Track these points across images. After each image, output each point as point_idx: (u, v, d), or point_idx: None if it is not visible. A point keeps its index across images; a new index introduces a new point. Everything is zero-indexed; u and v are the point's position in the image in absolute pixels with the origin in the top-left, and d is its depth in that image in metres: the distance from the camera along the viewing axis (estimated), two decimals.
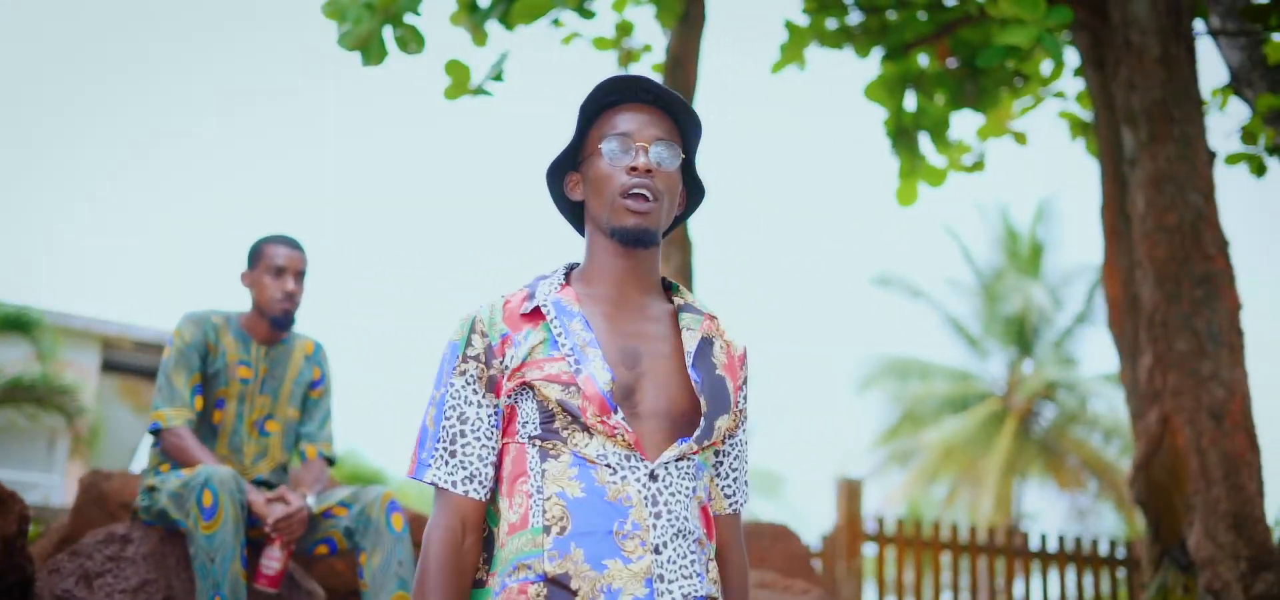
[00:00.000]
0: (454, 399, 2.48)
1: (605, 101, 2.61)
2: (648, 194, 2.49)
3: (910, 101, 8.89)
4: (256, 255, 4.88)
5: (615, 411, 2.41)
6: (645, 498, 2.37)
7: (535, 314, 2.55)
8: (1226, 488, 6.51)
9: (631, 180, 2.50)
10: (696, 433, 2.47)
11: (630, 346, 2.51)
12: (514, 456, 2.46)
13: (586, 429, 2.40)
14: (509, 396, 2.49)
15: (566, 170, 2.70)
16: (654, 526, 2.35)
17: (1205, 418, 6.61)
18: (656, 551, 2.33)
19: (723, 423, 2.53)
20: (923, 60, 8.81)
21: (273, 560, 4.49)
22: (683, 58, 8.53)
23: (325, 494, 4.76)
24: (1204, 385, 6.65)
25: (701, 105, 8.25)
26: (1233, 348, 6.74)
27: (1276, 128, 9.33)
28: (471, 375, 2.50)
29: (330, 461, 5.01)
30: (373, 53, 6.00)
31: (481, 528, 2.47)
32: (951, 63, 8.61)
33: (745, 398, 2.70)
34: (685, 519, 2.40)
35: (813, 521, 38.79)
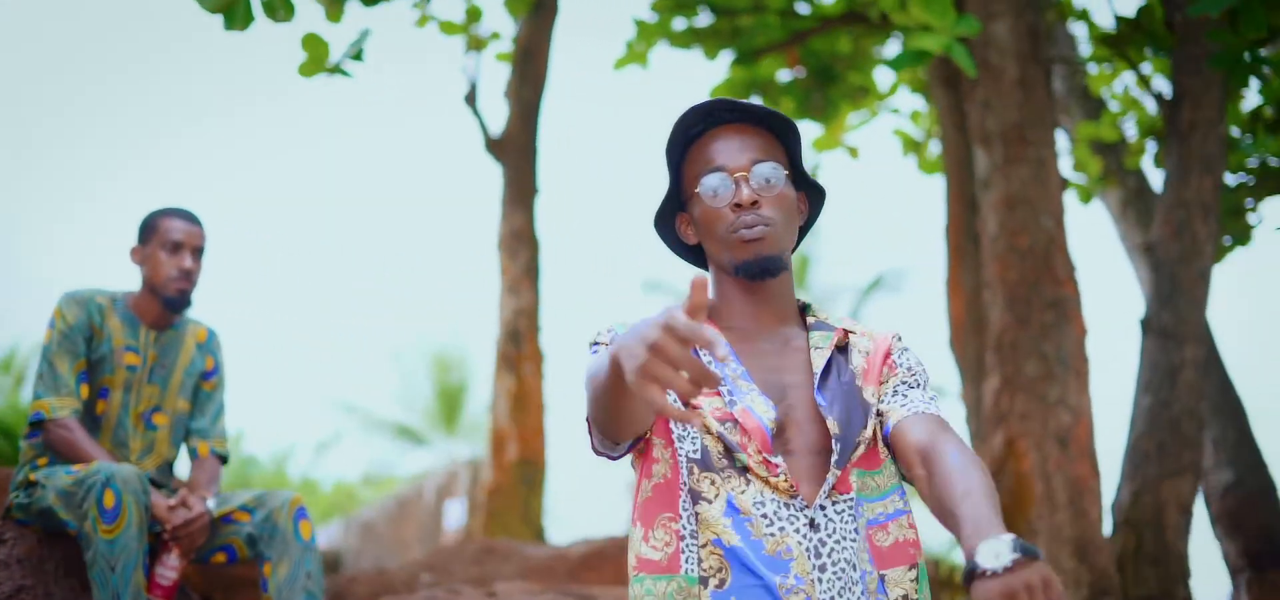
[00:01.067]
0: None
1: (690, 135, 2.49)
2: (760, 224, 2.38)
3: None
4: (149, 229, 4.31)
5: (769, 435, 2.29)
6: (807, 549, 2.24)
7: None
8: (1070, 513, 6.47)
9: (740, 217, 2.38)
10: (834, 460, 2.31)
11: (775, 380, 2.40)
12: (655, 488, 2.33)
13: (743, 472, 2.27)
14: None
15: (672, 213, 2.58)
16: (819, 581, 2.22)
17: (1051, 443, 6.56)
18: None
19: (863, 436, 2.36)
20: (784, 74, 8.68)
21: (169, 570, 3.99)
22: (532, 48, 8.20)
23: (224, 497, 4.26)
24: (1051, 410, 6.59)
25: (549, 100, 7.92)
26: (1079, 374, 6.72)
27: (1103, 157, 9.52)
28: None
29: (223, 460, 4.49)
30: (237, 17, 5.47)
31: None
32: (798, 72, 8.50)
33: (907, 371, 2.49)
34: (851, 567, 2.26)
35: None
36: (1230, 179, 8.40)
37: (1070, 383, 6.63)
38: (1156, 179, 9.10)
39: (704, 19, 8.39)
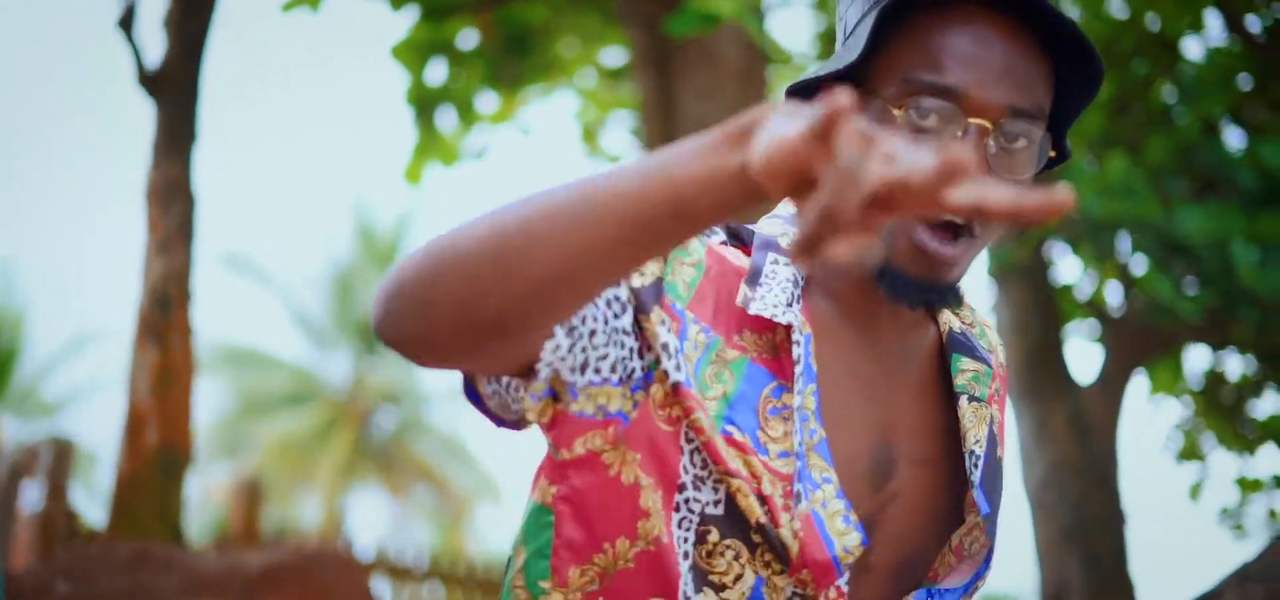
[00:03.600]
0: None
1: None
2: (963, 236, 1.36)
3: (437, 71, 7.97)
4: None
5: (841, 575, 1.38)
6: None
7: (754, 323, 1.41)
8: None
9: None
10: (963, 589, 1.48)
11: (882, 449, 1.44)
12: (639, 557, 1.37)
13: (782, 552, 1.36)
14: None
15: (818, 86, 1.41)
16: None
17: None
18: None
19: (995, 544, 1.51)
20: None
21: None
22: None
23: None
24: None
25: (215, 44, 6.89)
26: None
27: None
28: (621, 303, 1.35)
29: None
30: None
31: None
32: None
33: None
34: None
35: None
36: None
37: None
38: None
39: None
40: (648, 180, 1.08)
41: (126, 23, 7.08)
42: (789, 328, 1.40)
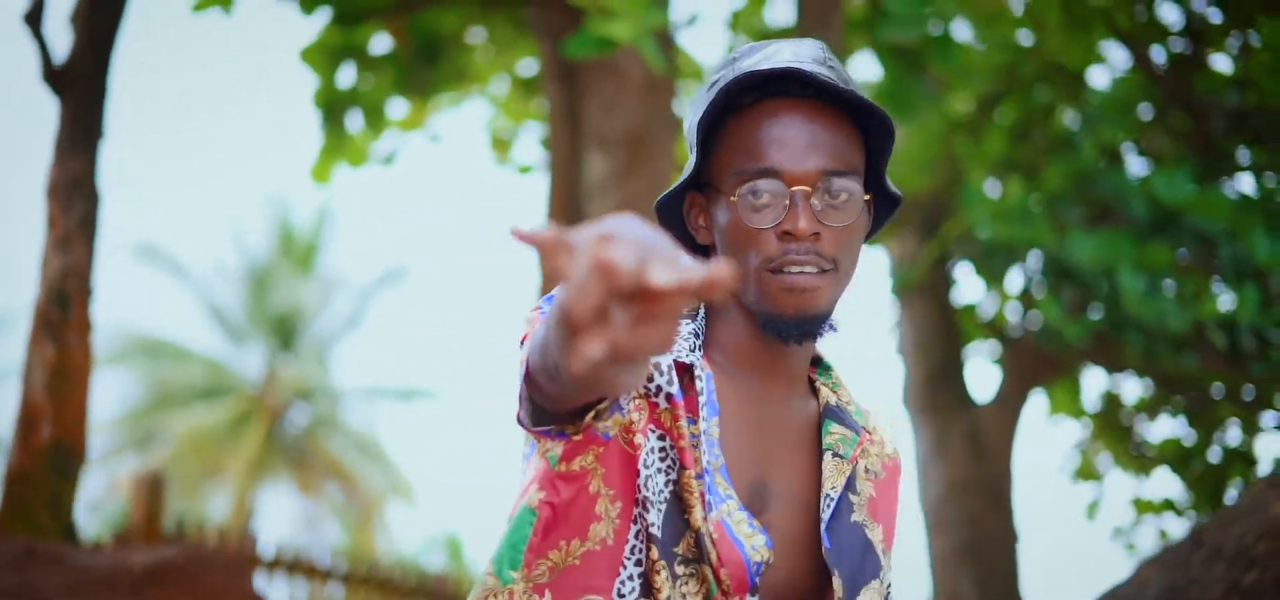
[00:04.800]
0: None
1: (736, 102, 1.70)
2: (816, 266, 1.65)
3: (347, 75, 7.96)
4: None
5: (754, 574, 1.65)
6: None
7: (682, 369, 1.72)
8: None
9: (788, 251, 1.64)
10: None
11: (759, 484, 1.73)
12: (587, 554, 1.65)
13: (701, 583, 1.65)
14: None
15: (682, 192, 1.78)
16: None
17: None
18: None
19: None
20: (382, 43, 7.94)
21: None
22: None
23: None
24: None
25: (127, 39, 6.86)
26: None
27: None
28: None
29: None
30: None
31: None
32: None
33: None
34: None
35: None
36: None
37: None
38: None
39: None
40: (552, 321, 1.29)
41: (33, 18, 7.03)
42: (692, 367, 1.68)
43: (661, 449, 1.65)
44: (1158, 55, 8.25)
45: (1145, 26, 8.00)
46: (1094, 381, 10.36)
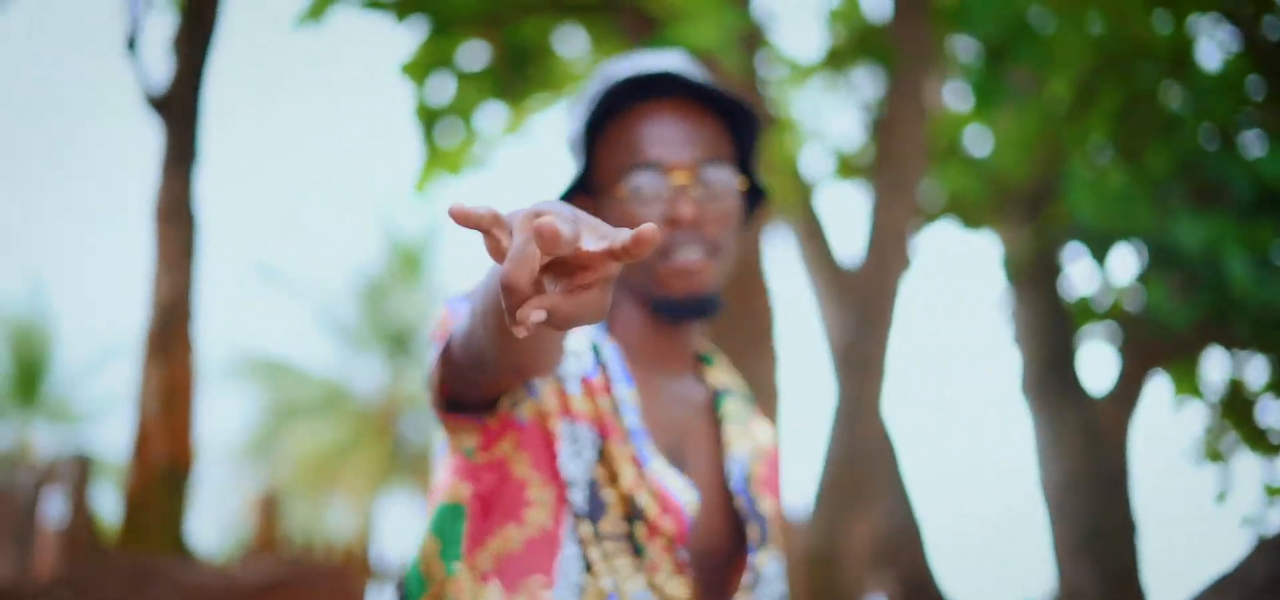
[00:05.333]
0: None
1: (612, 106, 1.86)
2: (700, 249, 1.81)
3: (444, 86, 8.02)
4: None
5: (689, 523, 1.79)
6: None
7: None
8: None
9: (675, 238, 1.79)
10: (748, 584, 1.84)
11: (675, 447, 1.86)
12: (528, 542, 1.72)
13: (636, 554, 1.75)
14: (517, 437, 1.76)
15: (570, 199, 1.91)
16: None
17: None
18: None
19: (772, 567, 1.89)
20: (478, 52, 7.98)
21: None
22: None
23: None
24: None
25: (219, 61, 7.00)
26: (773, 404, 6.47)
27: (790, 181, 9.35)
28: None
29: None
30: None
31: None
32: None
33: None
34: None
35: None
36: None
37: (764, 413, 6.33)
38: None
39: None
40: (486, 292, 1.37)
41: (133, 45, 7.20)
42: (598, 348, 1.83)
43: (573, 433, 1.75)
44: (1271, 30, 8.04)
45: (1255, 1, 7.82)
46: (1216, 364, 10.09)
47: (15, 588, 5.49)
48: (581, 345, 1.81)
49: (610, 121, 1.85)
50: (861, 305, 6.92)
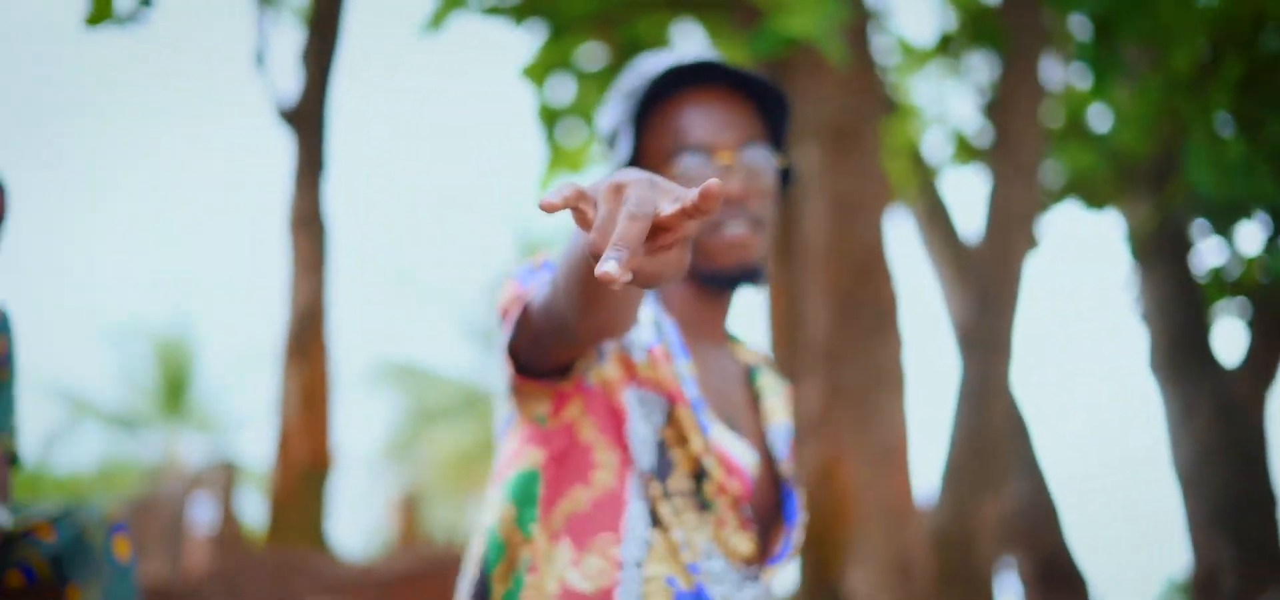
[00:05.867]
0: None
1: (657, 96, 1.99)
2: (747, 223, 1.94)
3: (564, 86, 8.17)
4: None
5: (752, 483, 1.95)
6: None
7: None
8: (889, 533, 6.22)
9: (723, 213, 1.92)
10: (784, 548, 1.96)
11: (728, 415, 1.99)
12: (595, 502, 1.85)
13: (702, 509, 1.87)
14: (587, 400, 1.88)
15: None
16: None
17: (873, 458, 6.29)
18: None
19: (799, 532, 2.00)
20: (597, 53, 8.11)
21: None
22: (325, 9, 7.44)
23: (21, 507, 3.45)
24: (872, 424, 6.31)
25: (344, 68, 7.22)
26: (897, 387, 6.48)
27: (911, 164, 9.36)
28: None
29: (14, 461, 3.67)
30: None
31: None
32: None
33: None
34: None
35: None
36: None
37: (890, 396, 6.37)
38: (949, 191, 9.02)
39: None
40: (573, 254, 1.47)
41: (261, 59, 7.44)
42: (659, 323, 1.94)
43: (641, 398, 1.87)
44: None
45: None
46: None
47: (168, 587, 5.76)
48: (645, 317, 1.93)
49: (652, 111, 1.98)
50: (984, 287, 6.93)
